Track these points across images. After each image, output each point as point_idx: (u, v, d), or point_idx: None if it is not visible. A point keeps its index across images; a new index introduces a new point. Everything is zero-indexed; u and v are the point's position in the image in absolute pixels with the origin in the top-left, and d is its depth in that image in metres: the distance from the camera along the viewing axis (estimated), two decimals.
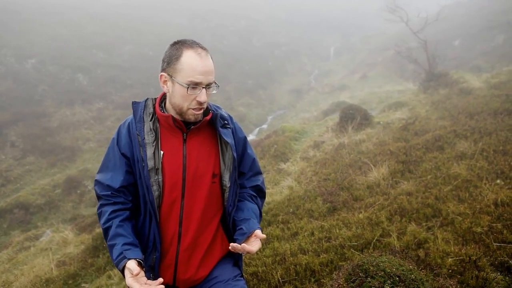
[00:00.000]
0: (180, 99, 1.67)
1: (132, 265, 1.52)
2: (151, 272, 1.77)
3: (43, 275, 6.51)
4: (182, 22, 35.55)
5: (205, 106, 1.72)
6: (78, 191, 13.09)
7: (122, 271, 1.56)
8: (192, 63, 1.62)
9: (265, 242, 4.47)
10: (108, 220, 1.68)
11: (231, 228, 1.88)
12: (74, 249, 7.61)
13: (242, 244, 1.62)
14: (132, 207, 1.77)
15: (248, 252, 1.63)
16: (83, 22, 29.83)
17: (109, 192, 1.72)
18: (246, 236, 1.70)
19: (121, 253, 1.57)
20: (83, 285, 5.89)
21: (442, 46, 18.87)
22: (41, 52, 23.37)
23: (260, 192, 2.03)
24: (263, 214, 5.60)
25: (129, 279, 1.50)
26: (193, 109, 1.68)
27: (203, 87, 1.65)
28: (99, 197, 1.77)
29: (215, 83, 1.71)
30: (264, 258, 3.97)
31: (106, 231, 1.68)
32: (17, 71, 21.24)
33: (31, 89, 20.24)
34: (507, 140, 6.03)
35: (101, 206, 1.74)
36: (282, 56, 35.74)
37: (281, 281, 3.46)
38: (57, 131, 17.80)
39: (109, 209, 1.70)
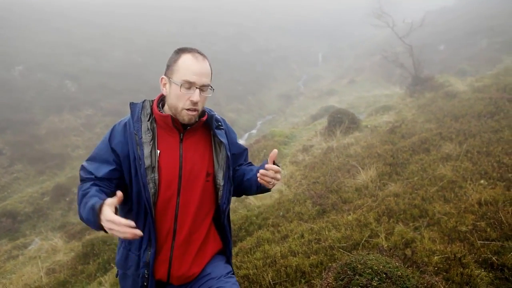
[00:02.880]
0: (175, 99, 1.75)
1: (109, 200, 1.48)
2: (146, 268, 1.80)
3: (32, 284, 6.46)
4: (172, 29, 35.58)
5: (199, 107, 1.79)
6: (67, 199, 12.96)
7: (98, 216, 1.46)
8: (187, 64, 1.72)
9: (255, 245, 4.52)
10: (87, 188, 1.66)
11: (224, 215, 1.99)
12: (64, 257, 7.54)
13: (266, 165, 1.75)
14: (112, 195, 1.71)
15: (276, 172, 1.74)
16: (71, 28, 29.67)
17: (93, 176, 1.75)
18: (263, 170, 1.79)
19: (98, 201, 1.51)
20: None
21: (428, 51, 19.21)
22: (28, 59, 23.18)
23: (253, 166, 2.16)
24: (253, 218, 5.65)
25: (106, 212, 1.43)
26: (187, 109, 1.75)
27: (197, 88, 1.72)
28: (81, 180, 1.78)
29: (211, 87, 1.79)
30: (255, 261, 4.00)
31: (83, 196, 1.63)
32: (4, 78, 21.02)
33: (18, 96, 20.05)
34: (490, 141, 6.18)
35: (82, 185, 1.73)
36: (271, 62, 35.94)
37: (272, 283, 3.49)
38: (45, 139, 17.65)
39: (89, 183, 1.70)
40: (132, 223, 1.43)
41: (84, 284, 5.98)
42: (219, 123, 1.94)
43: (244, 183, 2.00)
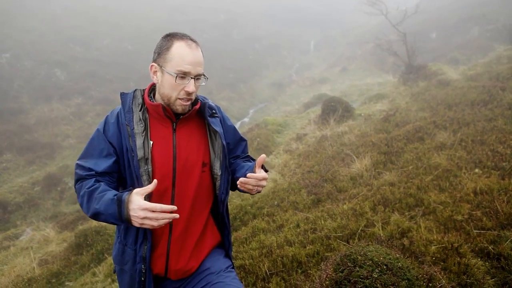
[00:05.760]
0: (169, 89, 1.68)
1: (137, 189, 1.49)
2: (143, 262, 1.75)
3: (25, 275, 6.39)
4: (161, 16, 35.06)
5: (193, 97, 1.73)
6: (59, 188, 12.84)
7: (123, 207, 1.46)
8: (181, 53, 1.64)
9: (251, 235, 4.50)
10: (93, 185, 1.61)
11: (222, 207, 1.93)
12: (56, 247, 7.48)
13: (248, 174, 1.67)
14: (115, 189, 1.71)
15: (261, 179, 1.67)
16: (58, 14, 29.09)
17: (93, 172, 1.67)
18: (250, 173, 1.74)
19: (122, 192, 1.51)
20: (67, 283, 5.81)
21: (420, 39, 19.18)
22: (15, 46, 22.71)
23: (251, 159, 2.09)
24: (248, 208, 5.62)
25: (138, 201, 1.44)
26: (181, 99, 1.69)
27: (191, 78, 1.66)
28: (80, 178, 1.69)
29: (204, 75, 1.72)
30: (251, 251, 3.98)
31: (91, 192, 1.58)
32: None
33: (6, 84, 19.69)
34: (484, 130, 6.20)
35: (82, 181, 1.67)
36: (262, 49, 35.68)
37: (268, 273, 3.48)
38: (34, 128, 17.39)
39: (92, 179, 1.64)
40: (174, 207, 1.45)
41: (77, 275, 5.94)
42: (213, 111, 1.88)
43: (234, 181, 1.92)
